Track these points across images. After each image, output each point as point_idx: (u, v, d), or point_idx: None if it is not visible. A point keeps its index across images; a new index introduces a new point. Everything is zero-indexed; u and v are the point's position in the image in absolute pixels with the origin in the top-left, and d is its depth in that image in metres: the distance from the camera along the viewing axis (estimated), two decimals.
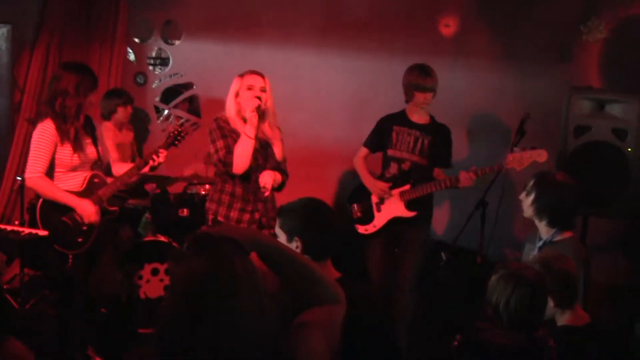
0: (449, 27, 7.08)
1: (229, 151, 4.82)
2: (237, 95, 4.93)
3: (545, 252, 3.98)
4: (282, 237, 3.21)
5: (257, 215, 4.94)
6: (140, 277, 5.89)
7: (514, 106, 6.69)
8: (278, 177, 4.94)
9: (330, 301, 2.31)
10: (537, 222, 4.23)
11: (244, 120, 4.86)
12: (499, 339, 3.24)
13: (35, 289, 6.08)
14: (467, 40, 7.07)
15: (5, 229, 5.59)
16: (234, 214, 4.90)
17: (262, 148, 4.94)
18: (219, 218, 4.88)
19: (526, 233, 4.65)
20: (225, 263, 1.97)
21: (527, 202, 4.21)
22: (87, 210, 4.93)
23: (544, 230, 4.21)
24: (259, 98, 4.80)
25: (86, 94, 4.93)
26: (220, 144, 4.87)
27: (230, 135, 4.88)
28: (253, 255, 2.21)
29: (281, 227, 3.24)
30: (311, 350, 2.11)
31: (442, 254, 5.20)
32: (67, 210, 4.92)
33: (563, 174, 4.28)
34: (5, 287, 6.10)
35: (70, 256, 4.96)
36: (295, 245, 3.16)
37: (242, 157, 4.79)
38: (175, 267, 2.01)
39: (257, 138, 4.81)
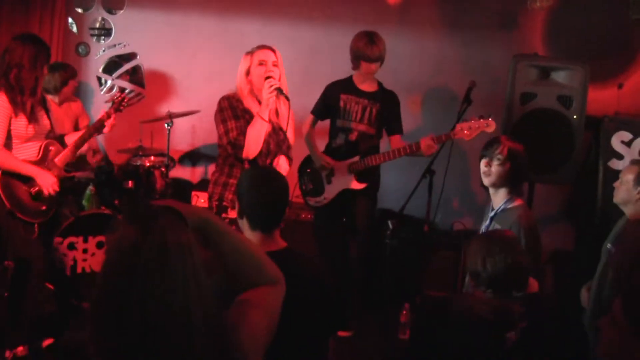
0: None
1: (241, 132, 4.57)
2: (248, 73, 4.68)
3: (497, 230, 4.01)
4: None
5: None
6: (85, 251, 5.79)
7: (459, 74, 6.70)
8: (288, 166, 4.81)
9: (270, 282, 2.29)
10: (493, 190, 4.26)
11: (259, 102, 4.63)
12: (469, 305, 3.28)
13: None
14: (410, 8, 7.03)
15: None
16: None
17: (275, 133, 4.72)
18: (224, 203, 4.67)
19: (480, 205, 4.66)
20: (156, 233, 1.90)
21: (499, 171, 4.20)
22: (47, 180, 4.92)
23: (499, 198, 4.24)
24: (270, 77, 4.55)
25: (42, 67, 4.89)
26: (231, 124, 4.59)
27: (242, 116, 4.62)
28: None
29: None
30: (251, 327, 2.08)
31: (389, 222, 5.18)
32: (27, 180, 4.89)
33: (517, 140, 4.32)
34: None
35: (36, 226, 4.93)
36: (236, 208, 3.17)
37: (254, 140, 4.56)
38: (108, 237, 1.97)
39: (270, 121, 4.62)
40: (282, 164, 4.74)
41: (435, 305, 3.29)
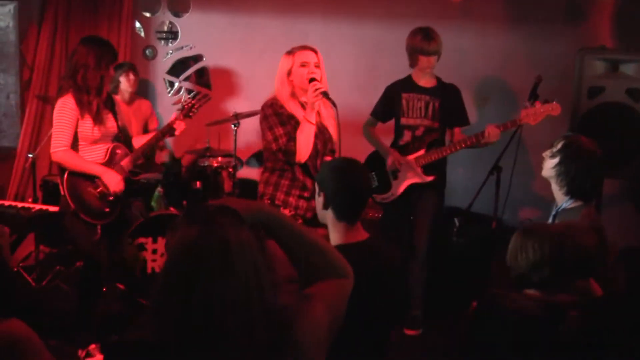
0: None
1: (290, 139, 4.57)
2: (289, 74, 4.67)
3: (559, 222, 3.90)
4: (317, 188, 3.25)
5: (313, 203, 4.78)
6: (155, 251, 5.89)
7: (523, 69, 6.61)
8: None
9: (337, 275, 2.29)
10: (553, 184, 4.14)
11: (301, 104, 4.66)
12: (516, 303, 3.20)
13: (50, 266, 6.12)
14: (474, 3, 6.97)
15: (16, 206, 5.64)
16: (292, 200, 4.67)
17: (320, 132, 4.71)
18: (276, 202, 4.67)
19: (548, 201, 4.54)
20: (217, 231, 1.95)
21: (549, 163, 4.06)
22: (113, 179, 4.97)
23: (559, 196, 4.12)
24: (314, 80, 4.53)
25: (107, 66, 4.94)
26: (279, 131, 4.58)
27: (288, 122, 4.63)
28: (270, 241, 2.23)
29: (316, 179, 3.30)
30: (312, 321, 2.09)
31: (455, 219, 5.16)
32: (92, 181, 4.95)
33: (591, 141, 4.05)
34: (20, 264, 6.14)
35: (99, 227, 4.99)
36: (320, 200, 3.19)
37: (305, 145, 4.56)
38: (169, 237, 2.01)
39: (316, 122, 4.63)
40: None
41: (485, 303, 3.23)
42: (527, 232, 3.22)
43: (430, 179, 5.68)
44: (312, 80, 4.54)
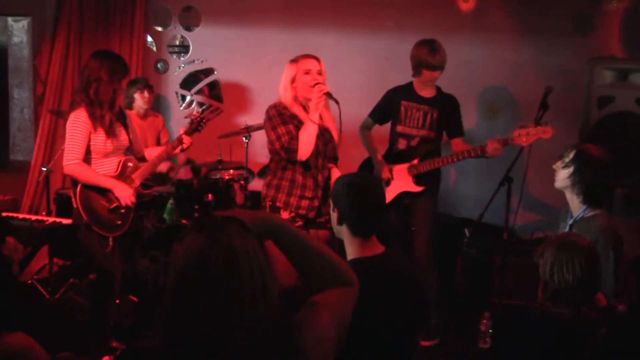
0: (467, 2, 7.01)
1: (293, 137, 4.73)
2: (293, 80, 4.84)
3: (570, 233, 3.89)
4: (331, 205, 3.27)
5: (316, 203, 4.86)
6: (167, 264, 5.90)
7: (532, 80, 6.62)
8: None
9: (342, 284, 2.31)
10: (568, 195, 4.14)
11: (303, 107, 4.82)
12: (544, 312, 3.23)
13: (64, 279, 6.16)
14: (484, 15, 7.00)
15: (30, 219, 5.69)
16: (293, 200, 4.80)
17: (321, 133, 4.84)
18: (278, 204, 4.82)
19: (560, 212, 4.55)
20: (222, 240, 1.98)
21: (562, 173, 4.10)
22: (124, 192, 4.99)
23: (575, 205, 4.11)
24: (319, 83, 4.71)
25: (120, 80, 4.98)
26: (282, 129, 4.76)
27: (291, 122, 4.79)
28: (269, 242, 2.25)
29: (330, 194, 3.31)
30: (318, 329, 2.12)
31: (466, 230, 5.15)
32: (104, 194, 4.98)
33: (601, 149, 4.11)
34: (35, 277, 6.18)
35: (111, 239, 5.00)
36: (335, 216, 3.20)
37: (307, 143, 4.71)
38: (177, 246, 2.04)
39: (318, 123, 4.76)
40: (335, 175, 4.87)
41: (515, 313, 3.26)
42: (572, 248, 3.26)
43: (420, 189, 5.71)
44: (316, 84, 4.71)
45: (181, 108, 7.99)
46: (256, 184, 7.33)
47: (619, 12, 6.52)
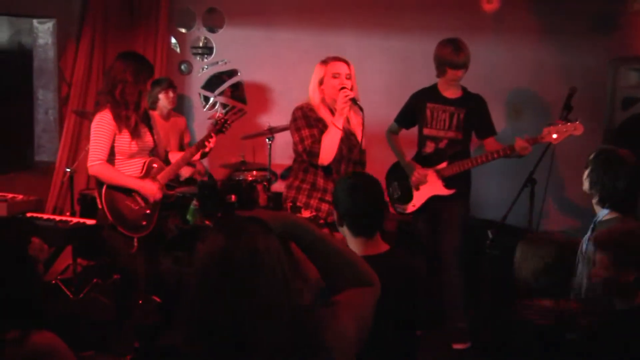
0: (491, 2, 6.98)
1: (316, 140, 4.69)
2: (321, 82, 4.80)
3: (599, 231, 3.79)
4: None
5: None
6: (190, 264, 5.92)
7: (555, 81, 6.59)
8: None
9: (363, 283, 2.31)
10: (593, 199, 4.10)
11: (330, 110, 4.78)
12: (532, 311, 3.24)
13: (88, 279, 6.20)
14: (505, 15, 6.97)
15: (54, 219, 5.73)
16: (313, 203, 4.78)
17: (347, 138, 4.80)
18: (298, 204, 4.80)
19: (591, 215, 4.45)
20: (245, 240, 1.99)
21: (584, 175, 4.08)
22: (151, 189, 5.04)
23: (595, 207, 4.08)
24: (344, 88, 4.65)
25: (145, 81, 5.02)
26: (305, 132, 4.72)
27: (316, 125, 4.75)
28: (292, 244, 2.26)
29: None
30: (340, 328, 2.12)
31: (489, 231, 5.13)
32: (129, 195, 5.02)
33: (627, 152, 4.03)
34: (59, 277, 6.22)
35: (136, 240, 5.04)
36: (335, 217, 3.23)
37: (330, 148, 4.67)
38: (199, 247, 2.05)
39: (343, 128, 4.71)
40: None
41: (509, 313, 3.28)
42: (527, 242, 3.27)
43: (451, 192, 5.68)
44: (342, 89, 4.66)
45: (204, 109, 8.01)
46: (279, 186, 7.33)
47: None
